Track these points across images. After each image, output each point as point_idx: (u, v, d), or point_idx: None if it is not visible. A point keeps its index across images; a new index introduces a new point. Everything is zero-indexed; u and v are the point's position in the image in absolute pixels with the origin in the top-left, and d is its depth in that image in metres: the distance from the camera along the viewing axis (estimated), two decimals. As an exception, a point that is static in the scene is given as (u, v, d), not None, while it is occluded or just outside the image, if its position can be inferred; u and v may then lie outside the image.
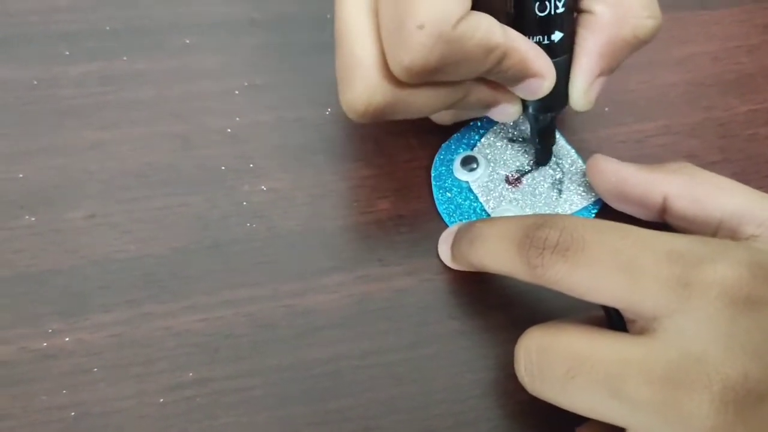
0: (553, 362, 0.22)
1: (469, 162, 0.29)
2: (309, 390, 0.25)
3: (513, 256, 0.23)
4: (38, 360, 0.25)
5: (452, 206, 0.29)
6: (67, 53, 0.31)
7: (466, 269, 0.26)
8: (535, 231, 0.22)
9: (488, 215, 0.28)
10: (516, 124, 0.30)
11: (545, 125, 0.28)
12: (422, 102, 0.24)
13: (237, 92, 0.30)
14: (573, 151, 0.30)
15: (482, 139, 0.30)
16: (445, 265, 0.27)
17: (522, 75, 0.24)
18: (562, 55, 0.25)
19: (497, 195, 0.29)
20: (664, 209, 0.26)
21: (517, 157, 0.29)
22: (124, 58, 0.31)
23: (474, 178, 0.29)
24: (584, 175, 0.29)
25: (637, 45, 0.25)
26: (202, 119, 0.30)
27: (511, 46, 0.23)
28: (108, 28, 0.31)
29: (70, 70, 0.30)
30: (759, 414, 0.19)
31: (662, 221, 0.27)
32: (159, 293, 0.26)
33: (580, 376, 0.21)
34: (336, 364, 0.26)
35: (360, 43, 0.23)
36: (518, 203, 0.29)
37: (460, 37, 0.21)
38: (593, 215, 0.29)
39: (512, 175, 0.29)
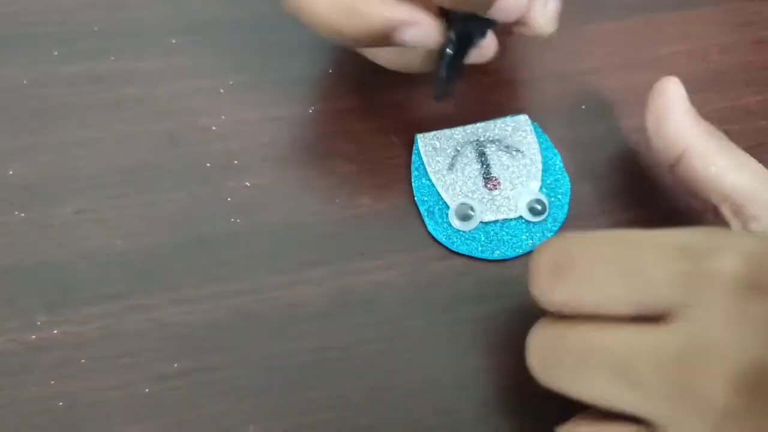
0: (566, 351, 0.22)
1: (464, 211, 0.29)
2: (292, 380, 0.26)
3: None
4: (27, 352, 0.26)
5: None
6: (57, 53, 0.31)
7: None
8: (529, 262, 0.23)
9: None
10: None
11: (462, 47, 0.27)
12: None
13: (222, 91, 0.31)
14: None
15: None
16: (424, 259, 0.28)
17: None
18: None
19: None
20: (678, 160, 0.26)
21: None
22: (112, 58, 0.31)
23: (471, 227, 0.29)
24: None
25: None
26: (188, 117, 0.30)
27: None
28: (96, 28, 0.32)
29: (59, 69, 0.31)
30: None
31: (668, 173, 0.27)
32: (145, 286, 0.27)
33: (592, 363, 0.21)
34: (318, 354, 0.26)
35: None
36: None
37: None
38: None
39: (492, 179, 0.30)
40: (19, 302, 0.26)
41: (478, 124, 0.31)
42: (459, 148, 0.30)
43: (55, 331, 0.26)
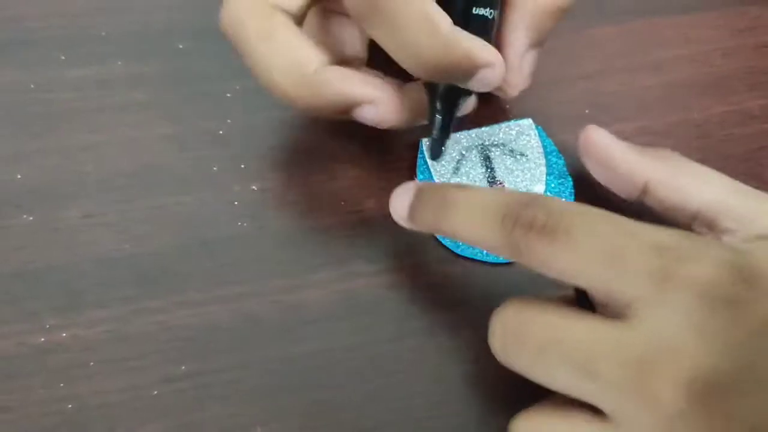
0: (528, 337, 0.22)
1: None
2: (297, 381, 0.26)
3: (494, 230, 0.23)
4: (36, 354, 0.26)
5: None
6: (64, 58, 0.31)
7: (425, 231, 0.26)
8: (522, 209, 0.23)
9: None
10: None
11: (450, 111, 0.28)
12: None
13: (229, 95, 0.31)
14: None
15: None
16: (428, 262, 0.28)
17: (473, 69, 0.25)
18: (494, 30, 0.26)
19: None
20: (645, 192, 0.27)
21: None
22: (119, 63, 0.32)
23: None
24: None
25: (560, 15, 0.26)
26: (194, 122, 0.31)
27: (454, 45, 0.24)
28: (103, 33, 0.32)
29: (66, 74, 0.31)
30: (723, 406, 0.20)
31: (641, 203, 0.27)
32: (152, 289, 0.27)
33: (553, 352, 0.22)
34: (323, 356, 0.27)
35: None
36: None
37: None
38: None
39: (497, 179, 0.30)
40: (28, 305, 0.27)
41: (483, 128, 0.31)
42: (464, 152, 0.31)
43: (64, 334, 0.26)
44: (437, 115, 0.28)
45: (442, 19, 0.24)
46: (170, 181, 0.29)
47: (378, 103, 0.27)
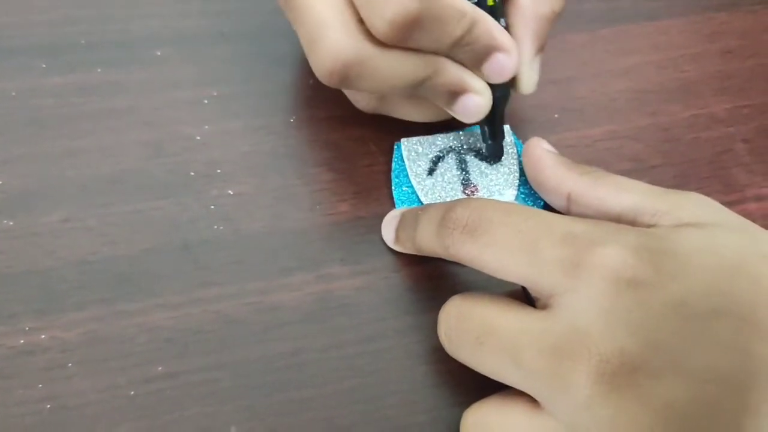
0: (468, 328, 0.24)
1: None
2: (273, 382, 0.27)
3: (434, 236, 0.25)
4: (15, 356, 0.26)
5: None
6: (44, 66, 0.32)
7: (411, 252, 0.28)
8: (448, 212, 0.24)
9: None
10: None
11: (495, 116, 0.29)
12: (390, 67, 0.25)
13: (206, 101, 0.32)
14: None
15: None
16: (401, 264, 0.29)
17: (490, 47, 0.26)
18: None
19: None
20: (570, 202, 0.28)
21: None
22: (99, 70, 0.32)
23: None
24: None
25: (555, 19, 0.28)
26: (172, 127, 0.31)
27: (479, 14, 0.26)
28: (83, 41, 0.33)
29: (47, 81, 0.32)
30: (632, 384, 0.21)
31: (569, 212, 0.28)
32: (131, 292, 0.28)
33: (487, 343, 0.23)
34: (299, 357, 0.27)
35: (328, 4, 0.25)
36: None
37: None
38: None
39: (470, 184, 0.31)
40: (7, 308, 0.27)
41: (461, 132, 0.32)
42: (440, 154, 0.31)
43: (43, 336, 0.27)
44: (483, 125, 0.30)
45: None
46: (149, 186, 0.30)
47: (485, 93, 0.28)
